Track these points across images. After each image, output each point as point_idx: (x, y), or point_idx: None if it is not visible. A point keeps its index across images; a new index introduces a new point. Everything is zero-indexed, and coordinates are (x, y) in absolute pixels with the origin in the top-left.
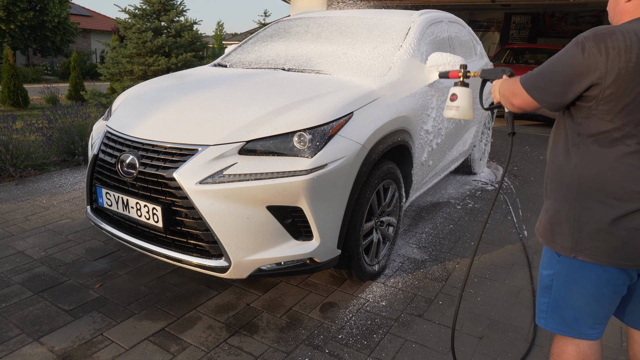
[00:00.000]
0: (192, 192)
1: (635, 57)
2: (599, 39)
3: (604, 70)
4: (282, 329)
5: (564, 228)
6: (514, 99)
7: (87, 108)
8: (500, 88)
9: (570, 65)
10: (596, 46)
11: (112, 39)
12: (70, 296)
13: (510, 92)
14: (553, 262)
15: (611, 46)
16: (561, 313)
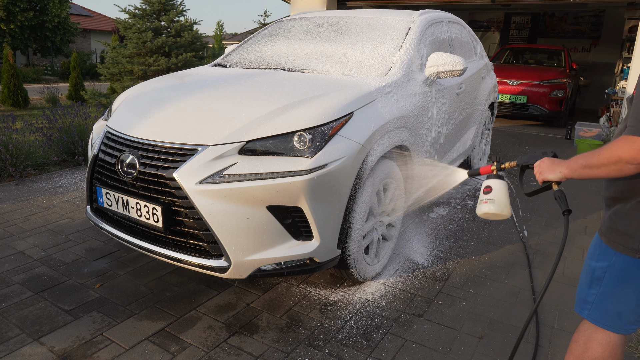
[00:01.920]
0: (192, 192)
1: None
2: None
3: None
4: (282, 329)
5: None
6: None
7: (87, 108)
8: (571, 165)
9: None
10: None
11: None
12: (70, 296)
13: (631, 153)
14: (608, 254)
15: None
16: (607, 306)
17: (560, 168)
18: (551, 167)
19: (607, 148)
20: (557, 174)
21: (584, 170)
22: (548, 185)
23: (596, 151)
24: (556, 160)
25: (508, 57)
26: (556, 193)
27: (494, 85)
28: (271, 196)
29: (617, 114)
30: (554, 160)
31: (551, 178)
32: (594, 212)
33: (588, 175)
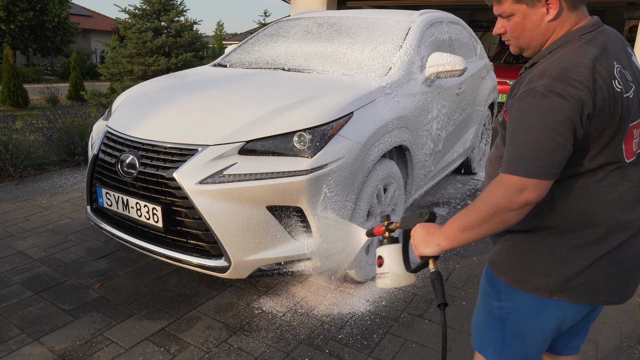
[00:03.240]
0: (192, 192)
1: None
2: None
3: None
4: (282, 329)
5: (539, 268)
6: (525, 195)
7: (87, 108)
8: (447, 233)
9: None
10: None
11: (112, 39)
12: (70, 296)
13: (508, 198)
14: (512, 294)
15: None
16: (512, 349)
17: (436, 239)
18: (425, 239)
19: (483, 198)
20: (434, 248)
21: (464, 234)
22: (425, 261)
23: (473, 205)
24: (431, 228)
25: (508, 57)
26: (432, 275)
27: (494, 86)
28: (271, 196)
29: None
30: (428, 229)
31: (427, 253)
32: None
33: (471, 238)
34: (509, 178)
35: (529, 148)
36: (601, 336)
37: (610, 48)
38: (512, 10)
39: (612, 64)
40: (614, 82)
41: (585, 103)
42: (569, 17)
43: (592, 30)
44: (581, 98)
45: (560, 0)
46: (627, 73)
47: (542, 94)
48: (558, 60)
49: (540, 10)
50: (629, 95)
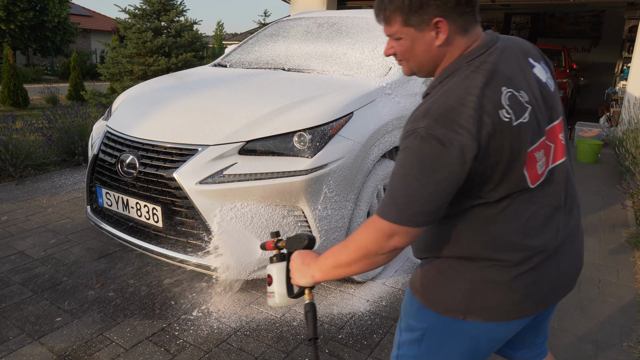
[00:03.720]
0: (192, 192)
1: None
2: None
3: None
4: (282, 329)
5: (452, 291)
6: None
7: (87, 108)
8: (321, 267)
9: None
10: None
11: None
12: (70, 296)
13: (378, 243)
14: (427, 315)
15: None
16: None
17: (311, 271)
18: (300, 269)
19: (354, 239)
20: (309, 279)
21: (337, 271)
22: (300, 291)
23: (344, 243)
24: (307, 258)
25: None
26: (306, 307)
27: None
28: (271, 196)
29: (617, 114)
30: (304, 258)
31: (302, 284)
32: (594, 212)
33: (342, 275)
34: (381, 222)
35: (402, 194)
36: (601, 336)
37: (501, 70)
38: (400, 33)
39: (500, 90)
40: (502, 113)
41: (467, 147)
42: (460, 42)
43: (482, 52)
44: (461, 143)
45: (450, 25)
46: (522, 94)
47: (422, 137)
48: (443, 96)
49: (429, 34)
50: (522, 121)
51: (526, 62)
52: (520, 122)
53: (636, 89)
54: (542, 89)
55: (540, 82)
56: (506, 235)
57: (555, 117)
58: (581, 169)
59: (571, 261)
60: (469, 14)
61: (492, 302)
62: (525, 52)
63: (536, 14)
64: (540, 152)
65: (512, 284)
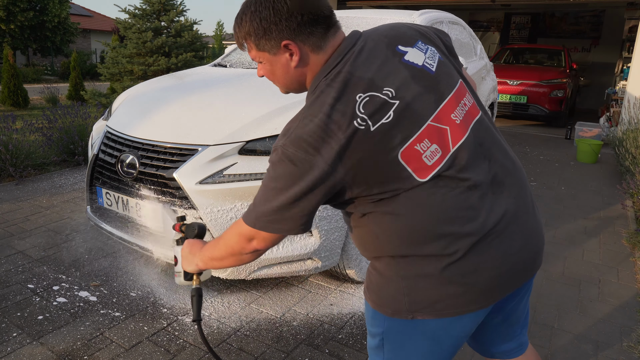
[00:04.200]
0: (192, 192)
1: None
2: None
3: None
4: (282, 329)
5: (392, 291)
6: (254, 244)
7: (87, 108)
8: (202, 257)
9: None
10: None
11: (112, 39)
12: (70, 296)
13: (240, 244)
14: (379, 319)
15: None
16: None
17: (195, 260)
18: (188, 257)
19: (223, 237)
20: (194, 267)
21: (212, 262)
22: (190, 277)
23: (218, 240)
24: (194, 247)
25: (508, 57)
26: (192, 292)
27: (494, 86)
28: None
29: (617, 114)
30: (192, 247)
31: (189, 270)
32: (594, 212)
33: (219, 266)
34: (242, 225)
35: (260, 202)
36: (601, 336)
37: (356, 76)
38: (259, 57)
39: (354, 100)
40: (356, 122)
41: (317, 166)
42: (316, 59)
43: (337, 63)
44: (312, 163)
45: (301, 46)
46: (385, 92)
47: (278, 155)
48: (300, 114)
49: (284, 56)
50: (383, 122)
51: (393, 52)
52: (380, 124)
53: (636, 89)
54: (417, 74)
55: (413, 67)
56: (421, 226)
57: (440, 99)
58: (581, 169)
59: (521, 241)
60: (319, 33)
61: (433, 297)
62: (392, 40)
63: (536, 14)
64: (424, 142)
65: (446, 275)
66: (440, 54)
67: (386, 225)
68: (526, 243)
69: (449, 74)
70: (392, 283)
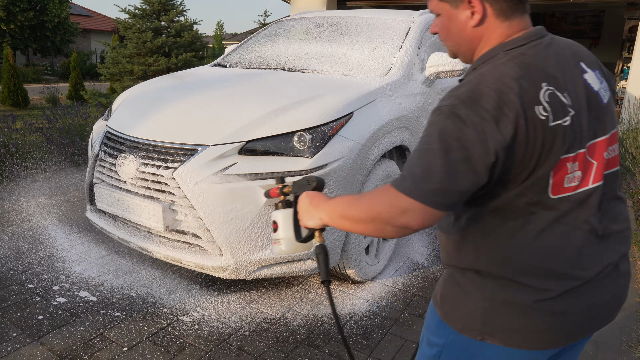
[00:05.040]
0: (192, 192)
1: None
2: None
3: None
4: (282, 329)
5: (471, 307)
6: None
7: (87, 108)
8: (330, 210)
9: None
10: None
11: (112, 39)
12: (70, 296)
13: (391, 213)
14: (445, 331)
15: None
16: None
17: (318, 213)
18: (308, 210)
19: (369, 198)
20: (316, 221)
21: (342, 222)
22: (310, 234)
23: (358, 197)
24: (315, 199)
25: None
26: (316, 250)
27: None
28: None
29: (617, 114)
30: (312, 199)
31: (310, 225)
32: None
33: (347, 228)
34: (395, 193)
35: (420, 168)
36: (601, 336)
37: (541, 66)
38: (438, 9)
39: (539, 86)
40: (538, 109)
41: (490, 135)
42: (499, 28)
43: (523, 44)
44: (484, 130)
45: (485, 6)
46: (565, 96)
47: (445, 114)
48: (474, 79)
49: (464, 13)
50: (561, 123)
51: (576, 65)
52: (558, 124)
53: (636, 89)
54: (591, 97)
55: (590, 89)
56: (528, 254)
57: (602, 133)
58: None
59: (610, 294)
60: (512, 1)
61: (512, 326)
62: (577, 55)
63: (536, 14)
64: (575, 164)
65: (535, 309)
66: (610, 93)
67: (493, 240)
68: (614, 296)
69: (613, 114)
70: (472, 300)
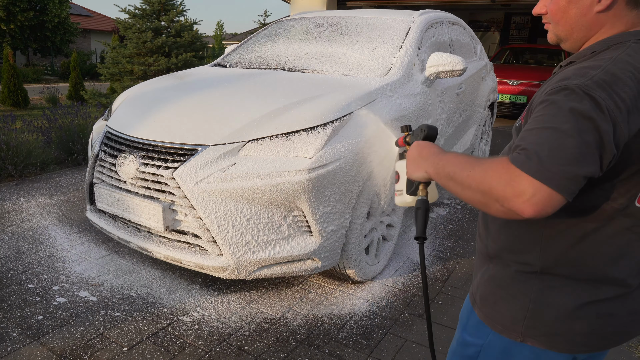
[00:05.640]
0: (192, 192)
1: None
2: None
3: None
4: (282, 329)
5: (514, 308)
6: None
7: (87, 108)
8: (437, 166)
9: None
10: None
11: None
12: (70, 296)
13: (505, 191)
14: (484, 332)
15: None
16: None
17: (425, 165)
18: (416, 161)
19: (485, 167)
20: (422, 173)
21: (448, 182)
22: (417, 185)
23: (474, 162)
24: (425, 150)
25: (508, 57)
26: (417, 203)
27: (493, 86)
28: (271, 196)
29: None
30: (422, 150)
31: (415, 177)
32: None
33: (453, 191)
34: (515, 171)
35: (548, 147)
36: None
37: None
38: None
39: None
40: None
41: (620, 126)
42: (626, 16)
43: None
44: (616, 118)
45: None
46: None
47: (577, 93)
48: (605, 62)
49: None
50: None
51: None
52: None
53: None
54: None
55: None
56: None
57: None
58: None
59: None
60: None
61: (557, 329)
62: None
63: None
64: None
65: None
66: None
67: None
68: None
69: None
70: (516, 301)
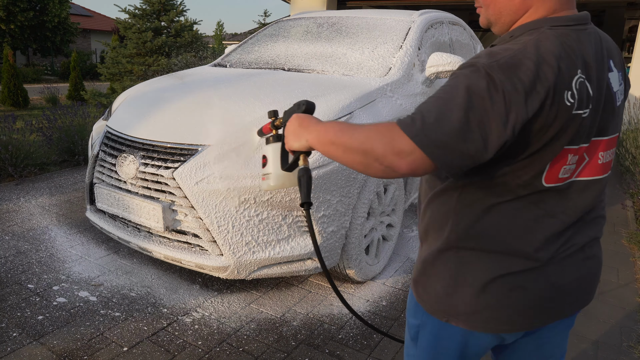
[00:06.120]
0: (192, 192)
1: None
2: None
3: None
4: (282, 329)
5: (438, 288)
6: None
7: (87, 108)
8: (320, 134)
9: None
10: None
11: (112, 39)
12: (70, 296)
13: (386, 151)
14: (419, 312)
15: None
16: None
17: (306, 134)
18: (297, 132)
19: (367, 130)
20: (303, 142)
21: (330, 148)
22: (297, 157)
23: (355, 126)
24: (305, 121)
25: None
26: (299, 172)
27: None
28: (271, 196)
29: None
30: (302, 121)
31: (296, 147)
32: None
33: (333, 155)
34: (398, 132)
35: (433, 115)
36: (601, 336)
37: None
38: None
39: (573, 72)
40: (566, 94)
41: (515, 109)
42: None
43: (569, 24)
44: (512, 100)
45: None
46: (591, 88)
47: (479, 72)
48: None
49: None
50: (580, 114)
51: (606, 61)
52: (578, 114)
53: (636, 89)
54: (609, 96)
55: (610, 88)
56: (498, 233)
57: (604, 133)
58: None
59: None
60: None
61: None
62: (609, 51)
63: None
64: (575, 157)
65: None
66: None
67: (467, 213)
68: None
69: (620, 118)
70: (439, 279)
